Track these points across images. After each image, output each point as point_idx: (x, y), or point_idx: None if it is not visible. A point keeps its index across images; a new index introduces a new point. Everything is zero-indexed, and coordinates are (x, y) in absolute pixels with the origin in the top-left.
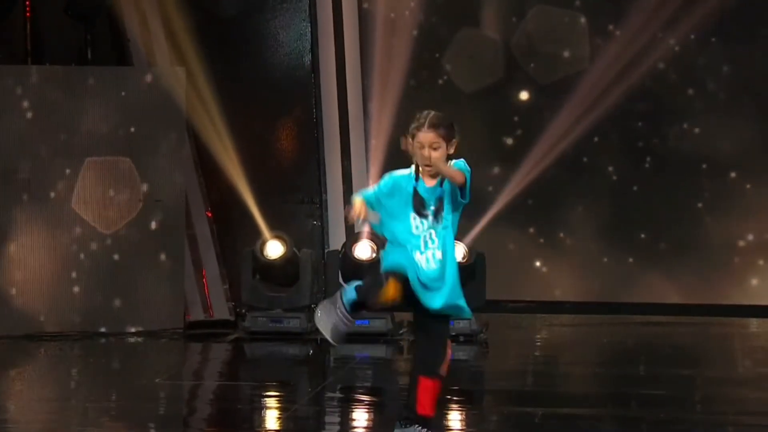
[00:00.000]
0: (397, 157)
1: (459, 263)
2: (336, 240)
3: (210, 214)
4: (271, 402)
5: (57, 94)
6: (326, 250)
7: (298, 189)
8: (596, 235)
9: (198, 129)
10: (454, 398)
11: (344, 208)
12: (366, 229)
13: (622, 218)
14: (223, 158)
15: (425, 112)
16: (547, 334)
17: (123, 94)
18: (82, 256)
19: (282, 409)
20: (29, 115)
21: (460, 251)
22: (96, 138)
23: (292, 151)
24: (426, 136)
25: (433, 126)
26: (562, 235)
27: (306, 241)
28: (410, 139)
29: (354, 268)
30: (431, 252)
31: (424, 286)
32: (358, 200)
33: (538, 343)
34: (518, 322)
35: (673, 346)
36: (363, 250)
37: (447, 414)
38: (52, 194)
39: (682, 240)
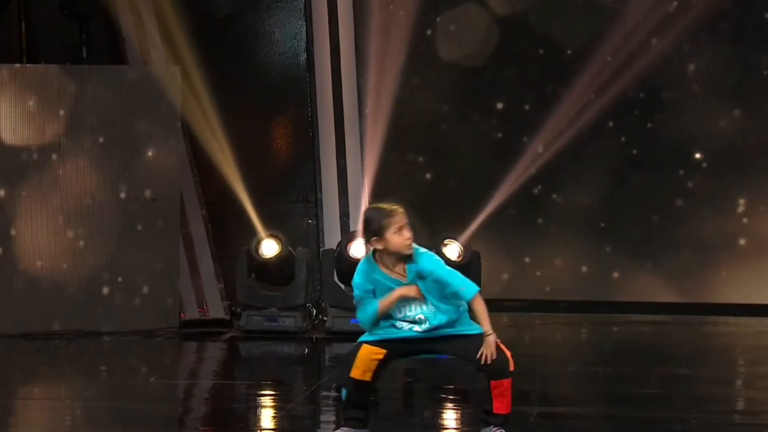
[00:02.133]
0: (392, 157)
1: (455, 262)
2: (331, 239)
3: (205, 213)
4: (266, 401)
5: (52, 92)
6: (321, 249)
7: (293, 188)
8: (591, 233)
9: (193, 128)
10: (450, 397)
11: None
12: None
13: (617, 216)
14: (218, 157)
15: (383, 205)
16: (542, 333)
17: (118, 93)
18: (75, 255)
19: (277, 408)
20: (21, 118)
21: (455, 250)
22: (90, 136)
23: (287, 150)
24: (403, 216)
25: (402, 208)
26: (555, 232)
27: (301, 240)
28: (383, 233)
29: (349, 267)
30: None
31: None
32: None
33: (534, 342)
34: (513, 320)
35: (668, 345)
36: (358, 249)
37: (442, 413)
38: (44, 192)
39: (676, 238)
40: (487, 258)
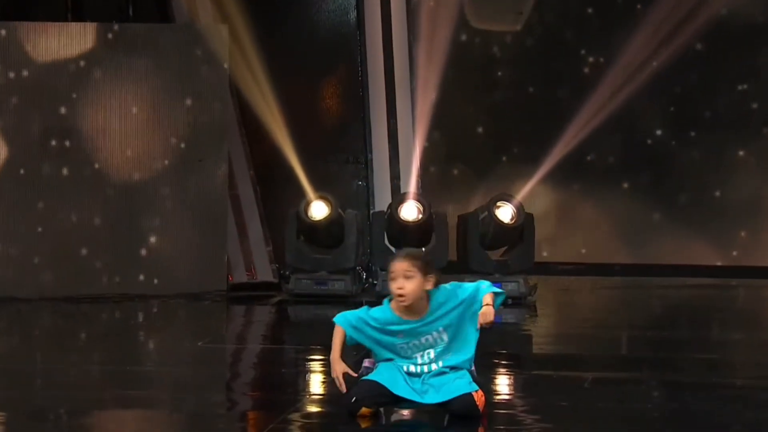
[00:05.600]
0: (443, 116)
1: (507, 224)
2: (381, 200)
3: (253, 175)
4: (315, 365)
5: (99, 51)
6: (372, 211)
7: (343, 149)
8: (646, 198)
9: (241, 88)
10: (503, 362)
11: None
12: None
13: (669, 180)
14: (267, 118)
15: (408, 250)
16: (594, 297)
17: (164, 52)
18: (125, 217)
19: (326, 373)
20: (71, 70)
21: (507, 212)
22: (137, 96)
23: (336, 110)
24: (400, 264)
25: (409, 255)
26: (610, 197)
27: (351, 202)
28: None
29: (400, 229)
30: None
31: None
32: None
33: (586, 307)
34: (567, 284)
35: (722, 309)
36: (409, 211)
37: (495, 378)
38: (91, 151)
39: (732, 202)
40: (540, 220)
